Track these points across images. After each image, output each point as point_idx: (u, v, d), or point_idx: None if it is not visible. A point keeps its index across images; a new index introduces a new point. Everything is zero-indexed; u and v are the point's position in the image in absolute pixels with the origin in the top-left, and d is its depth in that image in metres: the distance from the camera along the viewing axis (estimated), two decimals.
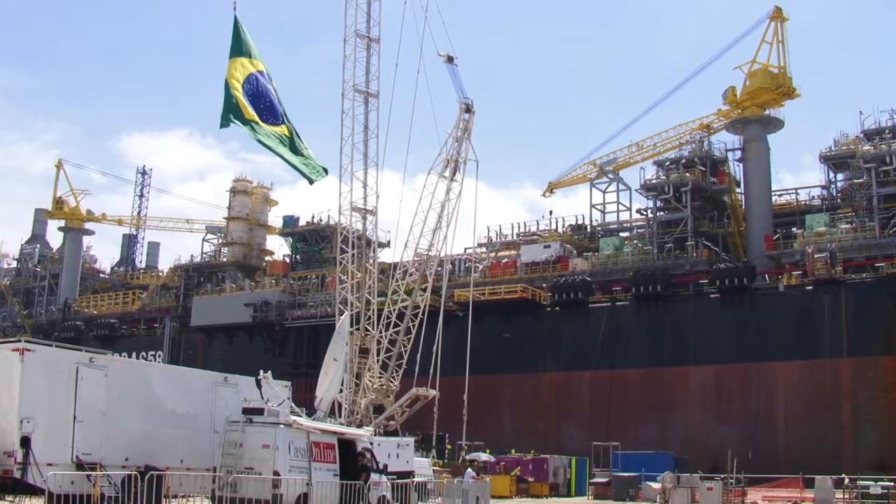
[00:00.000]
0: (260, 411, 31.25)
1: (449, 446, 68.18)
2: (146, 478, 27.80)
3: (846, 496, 49.84)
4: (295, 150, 40.04)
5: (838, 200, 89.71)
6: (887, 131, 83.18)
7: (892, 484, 49.35)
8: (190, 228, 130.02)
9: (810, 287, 77.24)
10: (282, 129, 39.81)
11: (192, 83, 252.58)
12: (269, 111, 39.80)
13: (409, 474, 41.98)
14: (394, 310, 57.84)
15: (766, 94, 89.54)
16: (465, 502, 41.19)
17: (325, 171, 41.62)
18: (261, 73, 40.58)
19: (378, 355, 55.94)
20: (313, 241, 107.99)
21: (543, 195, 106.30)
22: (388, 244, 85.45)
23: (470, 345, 59.13)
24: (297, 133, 40.44)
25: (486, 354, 76.48)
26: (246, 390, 34.21)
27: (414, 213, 59.23)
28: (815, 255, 76.53)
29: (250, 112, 38.99)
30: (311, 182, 41.16)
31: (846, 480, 51.89)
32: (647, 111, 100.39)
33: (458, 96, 59.38)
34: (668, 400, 79.51)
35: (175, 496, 31.14)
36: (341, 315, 49.08)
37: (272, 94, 40.45)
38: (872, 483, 49.76)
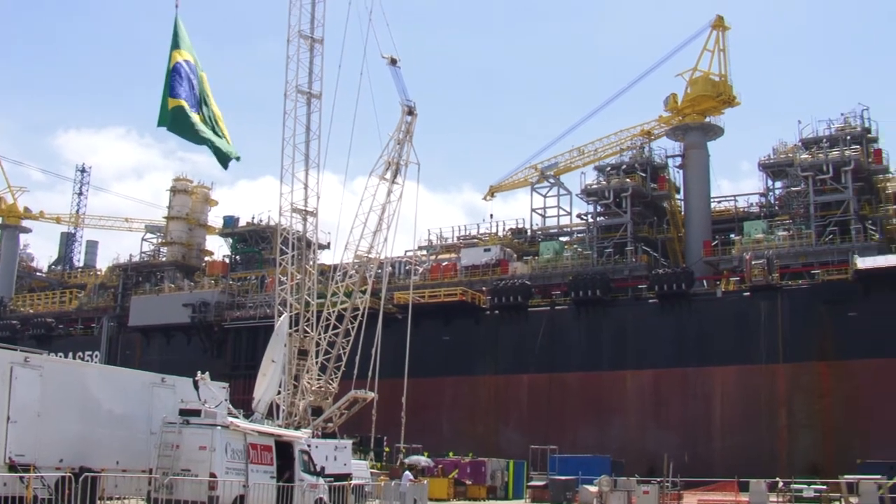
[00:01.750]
0: (197, 413, 31.08)
1: (387, 449, 68.13)
2: (80, 479, 27.52)
3: (780, 499, 50.39)
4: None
5: (776, 208, 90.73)
6: (825, 140, 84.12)
7: (824, 487, 49.99)
8: (129, 227, 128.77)
9: (747, 293, 78.03)
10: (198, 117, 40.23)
11: (129, 81, 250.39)
12: (190, 98, 40.22)
13: (347, 477, 41.93)
14: (333, 312, 57.75)
15: (707, 101, 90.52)
16: None
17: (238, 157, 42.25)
18: (187, 62, 40.84)
19: (317, 357, 55.80)
20: (253, 242, 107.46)
21: (484, 199, 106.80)
22: (328, 246, 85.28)
23: (409, 347, 59.20)
24: (214, 119, 40.85)
25: (426, 357, 76.42)
26: (183, 391, 34.00)
27: (354, 215, 59.27)
28: (753, 262, 77.32)
29: (182, 103, 39.40)
30: (225, 165, 41.68)
31: (780, 484, 52.45)
32: (589, 116, 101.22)
33: (400, 99, 59.48)
34: (607, 404, 79.96)
35: (110, 498, 30.86)
36: (280, 316, 48.99)
37: (195, 83, 40.80)
38: (805, 486, 50.34)
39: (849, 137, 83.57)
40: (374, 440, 63.26)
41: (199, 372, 33.80)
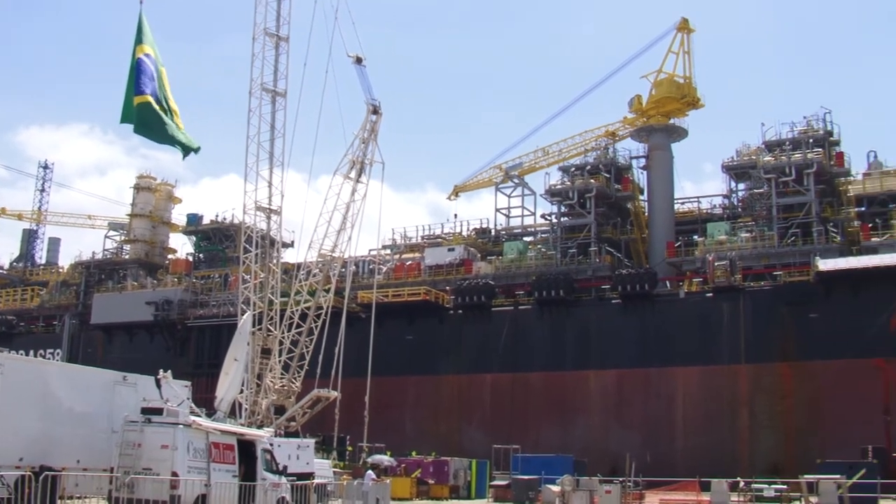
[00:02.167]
0: (159, 411, 30.96)
1: (350, 448, 68.08)
2: (41, 478, 27.34)
3: (741, 499, 50.70)
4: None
5: (739, 209, 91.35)
6: (788, 143, 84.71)
7: (785, 487, 50.34)
8: (92, 225, 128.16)
9: (710, 294, 78.50)
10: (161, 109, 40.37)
11: (92, 77, 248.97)
12: (156, 92, 40.31)
13: (310, 476, 41.80)
14: (296, 310, 57.55)
15: (672, 103, 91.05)
16: None
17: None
18: (148, 55, 40.87)
19: (280, 356, 55.59)
20: (217, 240, 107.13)
21: (448, 198, 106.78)
22: (291, 244, 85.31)
23: (372, 346, 59.15)
24: (171, 114, 40.94)
25: (389, 356, 76.36)
26: (145, 390, 33.86)
27: (319, 213, 59.06)
28: (716, 263, 77.80)
29: (148, 99, 39.46)
30: (186, 154, 41.77)
31: (741, 484, 52.77)
32: (554, 117, 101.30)
33: (365, 97, 59.33)
34: (570, 404, 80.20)
35: (71, 497, 30.71)
36: (243, 315, 48.85)
37: (156, 77, 40.86)
38: (766, 486, 50.67)
39: (811, 140, 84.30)
40: (336, 439, 63.23)
41: (162, 370, 33.68)
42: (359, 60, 59.18)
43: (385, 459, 61.05)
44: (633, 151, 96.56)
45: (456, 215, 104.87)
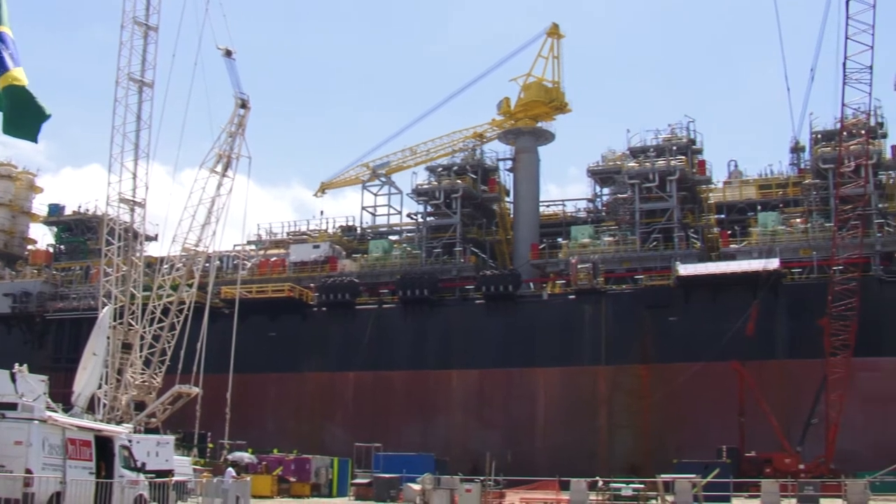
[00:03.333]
0: (13, 406, 30.11)
1: (211, 445, 67.18)
2: None
3: (599, 498, 51.34)
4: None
5: (603, 214, 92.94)
6: (652, 150, 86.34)
7: (642, 486, 51.10)
8: None
9: (573, 296, 79.57)
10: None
11: None
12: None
13: (169, 473, 41.28)
14: (159, 305, 56.83)
15: (539, 107, 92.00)
16: (225, 502, 40.69)
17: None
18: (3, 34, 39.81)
19: (141, 351, 54.87)
20: (79, 232, 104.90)
21: (315, 195, 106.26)
22: (155, 238, 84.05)
23: (235, 343, 58.69)
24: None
25: (252, 353, 75.62)
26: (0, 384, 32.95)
27: (183, 207, 58.47)
28: (579, 266, 78.87)
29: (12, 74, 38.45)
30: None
31: (600, 483, 53.47)
32: (423, 117, 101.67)
33: (234, 91, 58.88)
34: (432, 403, 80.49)
35: None
36: (104, 308, 48.03)
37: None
38: (624, 485, 51.39)
39: (675, 148, 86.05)
40: (197, 436, 62.45)
41: (17, 364, 32.82)
42: (228, 53, 58.68)
43: (246, 457, 60.46)
44: (500, 153, 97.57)
45: (322, 212, 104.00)
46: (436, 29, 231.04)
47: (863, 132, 68.15)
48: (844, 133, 67.57)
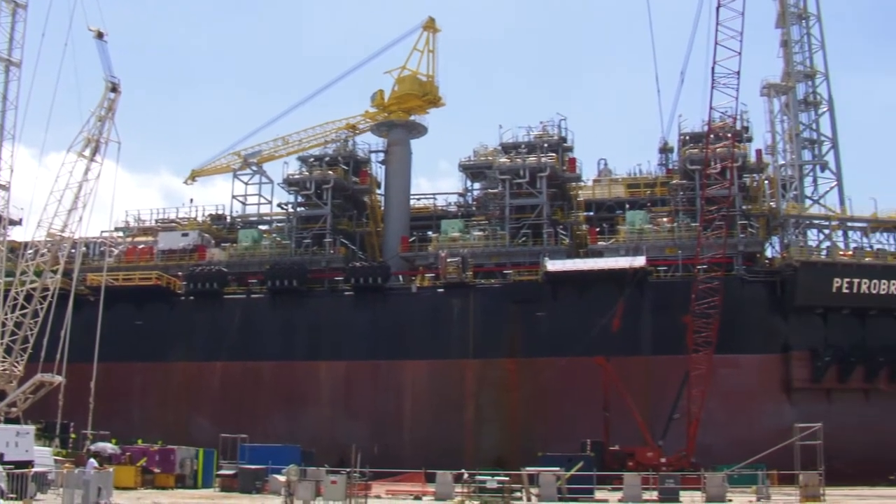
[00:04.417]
0: None
1: (73, 435, 65.96)
2: None
3: (464, 490, 51.74)
4: None
5: (473, 208, 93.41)
6: (523, 146, 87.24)
7: (507, 478, 51.59)
8: None
9: (441, 290, 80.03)
10: None
11: None
12: None
13: (28, 464, 40.55)
14: (22, 291, 55.67)
15: (413, 100, 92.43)
16: (87, 493, 39.98)
17: None
18: None
19: (2, 338, 53.74)
20: None
21: (185, 182, 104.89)
22: (19, 222, 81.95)
23: (100, 331, 57.79)
24: None
25: (117, 342, 74.45)
26: None
27: (49, 191, 57.24)
28: (448, 260, 79.33)
29: None
30: None
31: (465, 475, 53.86)
32: (296, 106, 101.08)
33: (105, 74, 57.89)
34: (300, 394, 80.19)
35: None
36: None
37: None
38: (489, 478, 51.84)
39: (546, 145, 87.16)
40: (59, 426, 61.33)
41: None
42: (100, 35, 57.67)
43: (108, 447, 59.49)
44: (372, 145, 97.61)
45: (192, 200, 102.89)
46: (313, 18, 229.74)
47: (729, 135, 69.77)
48: (711, 136, 69.23)
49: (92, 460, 46.34)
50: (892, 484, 66.03)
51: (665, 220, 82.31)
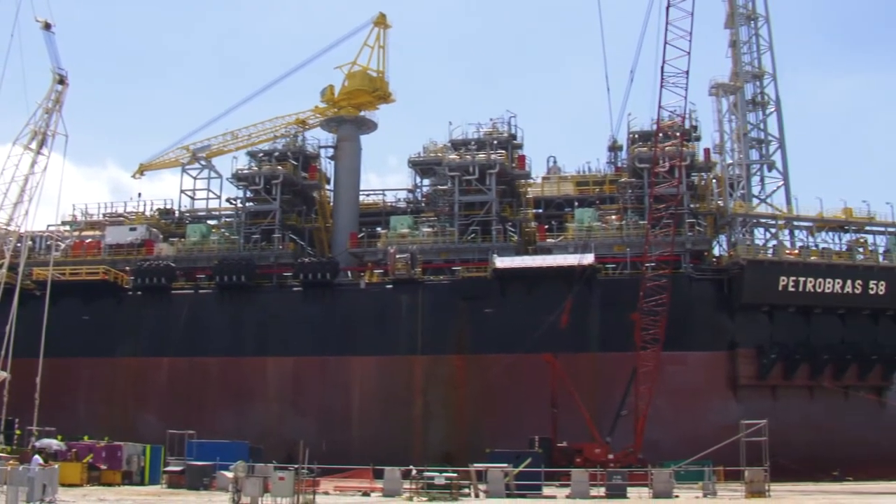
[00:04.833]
0: None
1: (18, 431, 65.35)
2: None
3: (412, 486, 51.84)
4: None
5: (422, 204, 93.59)
6: (473, 143, 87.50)
7: (455, 475, 51.76)
8: None
9: (390, 286, 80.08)
10: None
11: None
12: None
13: None
14: None
15: (363, 96, 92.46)
16: (31, 490, 39.67)
17: None
18: None
19: None
20: None
21: (133, 176, 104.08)
22: None
23: (46, 326, 57.31)
24: None
25: (64, 337, 73.86)
26: None
27: None
28: (397, 256, 79.41)
29: None
30: None
31: (413, 472, 53.96)
32: (245, 101, 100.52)
33: (52, 66, 57.49)
34: (247, 390, 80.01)
35: None
36: None
37: None
38: (437, 474, 51.97)
39: (496, 142, 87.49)
40: (4, 422, 60.69)
41: None
42: (47, 26, 57.30)
43: (54, 444, 59.01)
44: (322, 141, 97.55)
45: (140, 194, 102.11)
46: (264, 12, 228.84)
47: (678, 134, 70.36)
48: (660, 134, 69.80)
49: (37, 457, 45.98)
50: (836, 479, 67.02)
51: (614, 217, 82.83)
